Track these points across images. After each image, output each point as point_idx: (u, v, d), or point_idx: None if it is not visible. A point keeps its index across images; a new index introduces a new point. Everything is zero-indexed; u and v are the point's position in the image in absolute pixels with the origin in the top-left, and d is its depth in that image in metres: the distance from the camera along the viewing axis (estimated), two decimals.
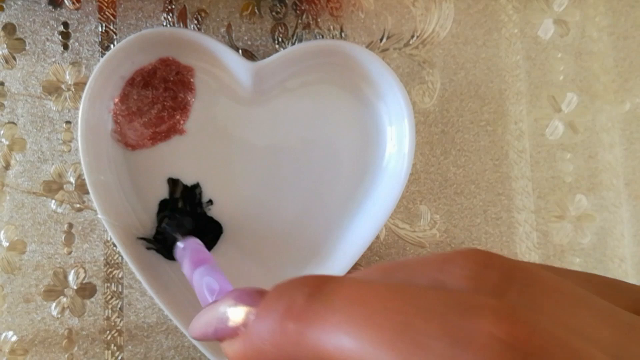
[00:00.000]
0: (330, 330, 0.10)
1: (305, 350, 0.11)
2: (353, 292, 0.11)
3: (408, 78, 0.34)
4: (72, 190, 0.33)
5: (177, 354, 0.33)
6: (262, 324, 0.12)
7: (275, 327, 0.11)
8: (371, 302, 0.10)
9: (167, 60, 0.31)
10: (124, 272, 0.33)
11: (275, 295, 0.12)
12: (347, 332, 0.10)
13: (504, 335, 0.09)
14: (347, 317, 0.10)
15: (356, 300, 0.11)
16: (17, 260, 0.32)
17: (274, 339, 0.11)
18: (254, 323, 0.12)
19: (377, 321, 0.10)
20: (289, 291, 0.12)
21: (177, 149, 0.32)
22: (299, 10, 0.34)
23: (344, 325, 0.10)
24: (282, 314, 0.11)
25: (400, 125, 0.31)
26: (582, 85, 0.36)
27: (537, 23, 0.36)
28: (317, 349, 0.11)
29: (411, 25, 0.35)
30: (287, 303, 0.11)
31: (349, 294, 0.11)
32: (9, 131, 0.33)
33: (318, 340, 0.11)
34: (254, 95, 0.32)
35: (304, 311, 0.11)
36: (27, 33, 0.33)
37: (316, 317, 0.11)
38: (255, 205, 0.32)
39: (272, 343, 0.12)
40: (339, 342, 0.10)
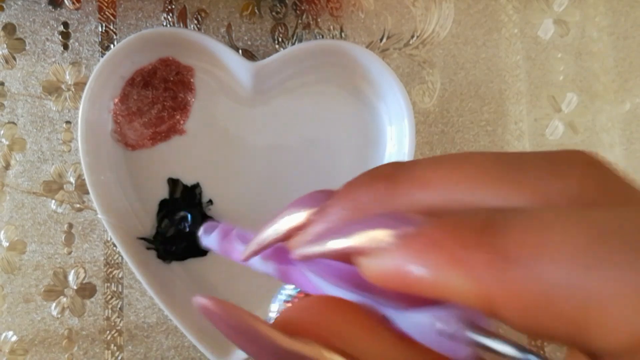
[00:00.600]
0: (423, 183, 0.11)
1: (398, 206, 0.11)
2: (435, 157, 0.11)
3: (408, 78, 0.34)
4: (72, 190, 0.33)
5: (177, 354, 0.33)
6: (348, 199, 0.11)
7: (364, 193, 0.11)
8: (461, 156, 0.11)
9: (167, 60, 0.31)
10: (124, 272, 0.33)
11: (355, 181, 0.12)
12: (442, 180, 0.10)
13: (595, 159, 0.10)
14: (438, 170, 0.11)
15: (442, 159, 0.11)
16: (17, 260, 0.32)
17: (362, 205, 0.11)
18: (336, 204, 0.12)
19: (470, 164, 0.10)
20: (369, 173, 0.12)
21: (177, 149, 0.32)
22: (299, 10, 0.34)
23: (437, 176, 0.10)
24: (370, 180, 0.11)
25: (400, 125, 0.31)
26: (582, 85, 0.36)
27: (537, 23, 0.36)
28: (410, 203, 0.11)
29: (411, 25, 0.35)
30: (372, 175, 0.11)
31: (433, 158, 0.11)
32: (9, 131, 0.33)
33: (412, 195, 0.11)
34: (254, 95, 0.32)
35: (392, 175, 0.11)
36: (27, 33, 0.33)
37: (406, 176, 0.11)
38: (255, 205, 0.32)
39: (360, 208, 0.11)
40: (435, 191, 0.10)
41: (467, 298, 0.09)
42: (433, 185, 0.10)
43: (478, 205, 0.10)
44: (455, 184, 0.10)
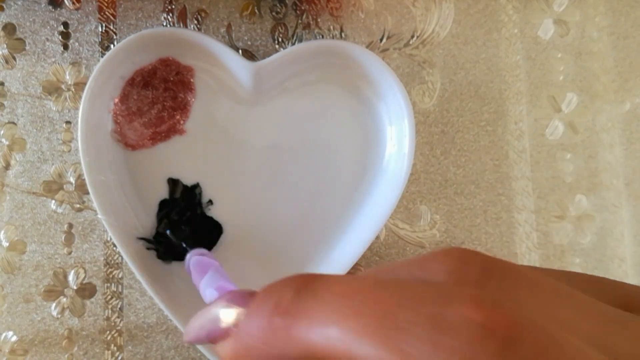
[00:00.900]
0: (317, 323, 0.11)
1: (294, 344, 0.11)
2: (339, 286, 0.11)
3: (408, 78, 0.34)
4: (72, 190, 0.33)
5: (177, 354, 0.33)
6: (252, 322, 0.12)
7: (264, 323, 0.12)
8: (356, 295, 0.11)
9: (167, 60, 0.31)
10: (124, 272, 0.33)
11: (265, 294, 0.13)
12: (333, 323, 0.11)
13: (484, 320, 0.09)
14: (333, 309, 0.11)
15: (341, 293, 0.11)
16: (17, 260, 0.32)
17: (263, 336, 0.12)
18: (244, 322, 0.13)
19: (361, 311, 0.10)
20: (277, 289, 0.12)
21: (177, 149, 0.32)
22: (299, 10, 0.34)
23: (330, 317, 0.11)
24: (271, 310, 0.12)
25: (400, 125, 0.31)
26: (582, 85, 0.36)
27: (537, 23, 0.36)
28: (304, 342, 0.11)
29: (411, 25, 0.35)
30: (276, 300, 0.12)
31: (335, 288, 0.11)
32: (9, 131, 0.33)
33: (305, 333, 0.11)
34: (254, 95, 0.32)
35: (291, 306, 0.12)
36: (27, 33, 0.33)
37: (303, 310, 0.11)
38: (255, 205, 0.32)
39: (262, 340, 0.12)
40: (326, 333, 0.11)
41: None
42: (322, 330, 0.11)
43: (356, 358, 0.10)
44: (340, 333, 0.11)
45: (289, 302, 0.12)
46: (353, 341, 0.10)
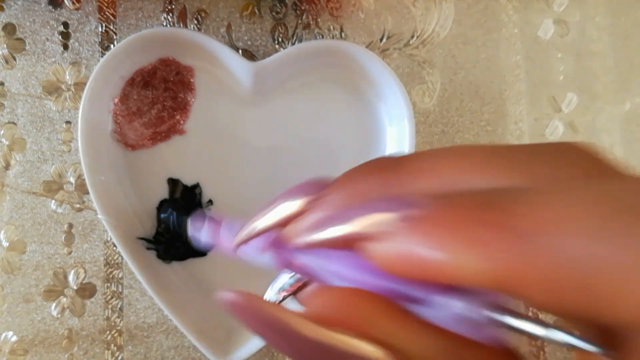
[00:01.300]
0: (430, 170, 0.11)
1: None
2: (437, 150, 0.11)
3: (408, 78, 0.34)
4: (72, 190, 0.33)
5: (177, 354, 0.33)
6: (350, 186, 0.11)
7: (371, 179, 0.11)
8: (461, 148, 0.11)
9: (167, 60, 0.31)
10: (124, 272, 0.33)
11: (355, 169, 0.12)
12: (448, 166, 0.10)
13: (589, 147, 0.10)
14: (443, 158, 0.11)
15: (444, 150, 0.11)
16: (17, 260, 0.32)
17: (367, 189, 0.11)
18: (336, 190, 0.11)
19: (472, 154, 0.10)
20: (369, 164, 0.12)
21: (177, 149, 0.32)
22: (299, 10, 0.34)
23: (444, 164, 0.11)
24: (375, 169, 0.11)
25: (400, 125, 0.31)
26: (582, 85, 0.36)
27: (537, 23, 0.36)
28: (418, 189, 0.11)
29: (411, 25, 0.35)
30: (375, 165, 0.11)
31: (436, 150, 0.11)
32: (9, 131, 0.33)
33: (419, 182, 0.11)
34: (254, 95, 0.32)
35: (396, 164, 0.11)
36: (27, 33, 0.33)
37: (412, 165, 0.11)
38: (255, 205, 0.32)
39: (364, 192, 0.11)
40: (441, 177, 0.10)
41: (482, 278, 0.09)
42: (432, 175, 0.10)
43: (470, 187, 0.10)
44: (454, 173, 0.10)
45: (392, 162, 0.11)
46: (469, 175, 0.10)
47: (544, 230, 0.08)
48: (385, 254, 0.10)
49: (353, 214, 0.10)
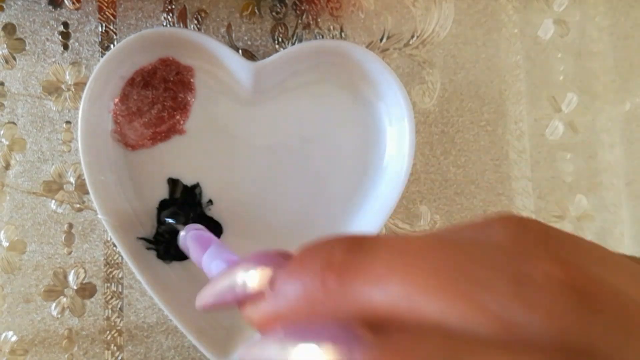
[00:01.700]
0: (376, 281, 0.10)
1: (347, 304, 0.10)
2: (395, 244, 0.11)
3: (408, 78, 0.34)
4: (72, 190, 0.33)
5: (177, 354, 0.33)
6: (296, 282, 0.11)
7: (314, 283, 0.11)
8: (419, 252, 0.10)
9: (167, 60, 0.31)
10: (124, 272, 0.33)
11: (309, 253, 0.12)
12: (395, 280, 0.10)
13: (562, 275, 0.09)
14: (393, 265, 0.10)
15: (400, 250, 0.10)
16: (17, 260, 0.32)
17: (312, 296, 0.11)
18: (285, 282, 0.12)
19: (430, 267, 0.10)
20: (324, 248, 0.11)
21: (177, 149, 0.32)
22: (299, 10, 0.34)
23: (391, 274, 0.10)
24: (321, 268, 0.11)
25: (400, 125, 0.31)
26: (582, 85, 0.36)
27: (537, 23, 0.36)
28: (360, 301, 0.10)
29: (411, 25, 0.35)
30: (325, 258, 0.11)
31: (392, 246, 0.11)
32: (9, 131, 0.33)
33: (362, 293, 0.10)
34: (254, 95, 0.32)
35: (345, 264, 0.11)
36: (27, 33, 0.33)
37: (359, 268, 0.10)
38: (255, 205, 0.32)
39: (310, 300, 0.11)
40: (386, 290, 0.10)
41: None
42: (385, 287, 0.10)
43: (432, 317, 0.10)
44: (400, 291, 0.10)
45: (341, 260, 0.11)
46: (420, 298, 0.10)
47: None
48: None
49: (300, 336, 0.11)
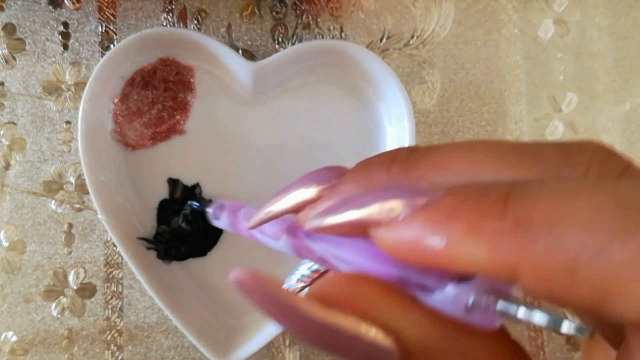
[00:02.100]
0: (439, 165, 0.11)
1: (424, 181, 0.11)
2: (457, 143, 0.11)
3: (408, 78, 0.34)
4: (72, 190, 0.33)
5: (177, 354, 0.33)
6: (362, 176, 0.11)
7: (379, 172, 0.11)
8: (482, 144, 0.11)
9: (167, 60, 0.31)
10: (124, 272, 0.33)
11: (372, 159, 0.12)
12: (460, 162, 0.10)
13: (607, 148, 0.10)
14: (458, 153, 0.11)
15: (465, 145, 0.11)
16: (17, 260, 0.32)
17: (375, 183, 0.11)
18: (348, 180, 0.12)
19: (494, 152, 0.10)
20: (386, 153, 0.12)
21: (177, 149, 0.32)
22: (299, 10, 0.34)
23: (455, 160, 0.10)
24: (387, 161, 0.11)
25: (400, 125, 0.31)
26: (582, 85, 0.36)
27: (537, 23, 0.36)
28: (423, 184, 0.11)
29: (411, 25, 0.35)
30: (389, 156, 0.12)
31: (454, 144, 0.11)
32: (9, 131, 0.33)
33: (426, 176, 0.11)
34: (254, 95, 0.32)
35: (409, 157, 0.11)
36: (27, 33, 0.33)
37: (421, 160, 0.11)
38: (255, 205, 0.32)
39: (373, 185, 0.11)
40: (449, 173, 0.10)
41: (488, 269, 0.09)
42: (447, 168, 0.10)
43: None
44: (470, 168, 0.10)
45: (405, 154, 0.11)
46: (477, 172, 0.10)
47: (560, 226, 0.08)
48: (393, 240, 0.10)
49: (363, 200, 0.11)
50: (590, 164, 0.10)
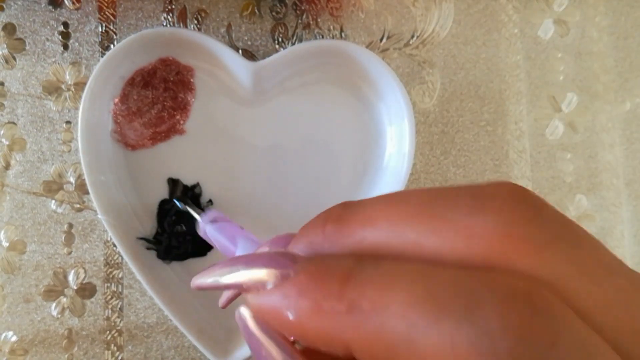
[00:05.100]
0: (367, 222, 0.12)
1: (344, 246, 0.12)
2: (386, 195, 0.12)
3: (408, 78, 0.34)
4: (72, 190, 0.33)
5: (177, 354, 0.33)
6: (304, 238, 0.13)
7: (316, 233, 0.12)
8: (404, 196, 0.12)
9: (167, 60, 0.31)
10: (124, 272, 0.33)
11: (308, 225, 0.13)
12: (383, 217, 0.11)
13: (520, 190, 0.11)
14: (382, 208, 0.11)
15: (389, 198, 0.12)
16: (17, 260, 0.32)
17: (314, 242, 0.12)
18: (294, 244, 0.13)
19: (404, 202, 0.11)
20: (323, 214, 0.13)
21: (177, 149, 0.32)
22: (299, 10, 0.34)
23: (380, 215, 0.11)
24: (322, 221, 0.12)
25: (400, 125, 0.31)
26: (582, 85, 0.36)
27: (537, 23, 0.36)
28: (356, 241, 0.11)
29: (411, 25, 0.35)
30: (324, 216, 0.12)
31: (382, 197, 0.12)
32: (9, 131, 0.33)
33: (357, 233, 0.12)
34: (254, 95, 0.32)
35: (341, 215, 0.12)
36: (27, 33, 0.33)
37: (352, 217, 0.12)
38: (255, 205, 0.32)
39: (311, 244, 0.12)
40: (376, 229, 0.11)
41: (329, 342, 0.10)
42: (373, 225, 0.11)
43: (414, 243, 0.11)
44: (391, 225, 0.11)
45: (338, 213, 0.12)
46: (399, 227, 0.11)
47: (379, 309, 0.10)
48: (258, 307, 0.12)
49: (237, 264, 0.12)
50: (500, 210, 0.10)
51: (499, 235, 0.10)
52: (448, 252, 0.10)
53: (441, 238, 0.10)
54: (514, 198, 0.11)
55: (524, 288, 0.09)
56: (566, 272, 0.10)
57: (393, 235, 0.11)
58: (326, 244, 0.12)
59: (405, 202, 0.11)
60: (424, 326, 0.09)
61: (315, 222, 0.13)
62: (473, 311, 0.09)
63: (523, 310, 0.09)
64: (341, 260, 0.11)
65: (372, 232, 0.11)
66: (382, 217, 0.11)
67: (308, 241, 0.12)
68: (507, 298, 0.09)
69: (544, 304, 0.09)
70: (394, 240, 0.11)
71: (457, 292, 0.09)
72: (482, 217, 0.10)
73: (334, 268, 0.11)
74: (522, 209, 0.10)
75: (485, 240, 0.10)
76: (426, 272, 0.10)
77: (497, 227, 0.10)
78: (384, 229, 0.11)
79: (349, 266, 0.11)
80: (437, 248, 0.10)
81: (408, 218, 0.11)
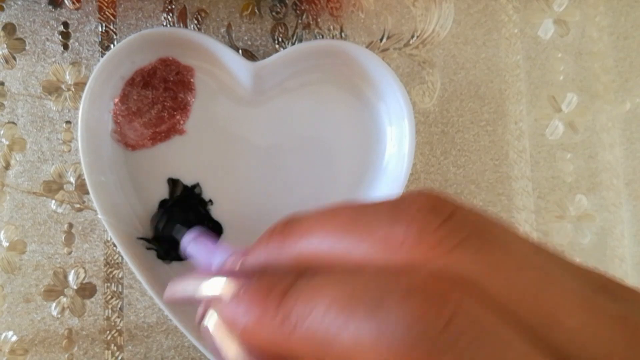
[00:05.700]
0: (303, 235, 0.13)
1: (287, 259, 0.14)
2: (320, 210, 0.14)
3: (408, 78, 0.34)
4: (72, 190, 0.33)
5: (177, 354, 0.33)
6: (255, 253, 0.14)
7: (263, 249, 0.14)
8: (333, 212, 0.13)
9: (167, 60, 0.31)
10: (124, 272, 0.33)
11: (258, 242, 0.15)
12: (316, 231, 0.13)
13: (433, 199, 0.12)
14: (314, 223, 0.13)
15: (321, 213, 0.14)
16: (17, 260, 0.32)
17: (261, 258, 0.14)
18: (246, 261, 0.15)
19: (334, 218, 0.13)
20: (267, 231, 0.15)
21: (177, 149, 0.32)
22: (299, 10, 0.34)
23: (312, 228, 0.13)
24: (268, 236, 0.14)
25: (400, 125, 0.31)
26: (582, 85, 0.36)
27: (537, 23, 0.36)
28: (296, 253, 0.13)
29: (411, 25, 0.35)
30: (269, 232, 0.14)
31: (316, 212, 0.14)
32: (9, 131, 0.33)
33: (296, 246, 0.13)
34: (254, 95, 0.32)
35: (283, 230, 0.14)
36: (27, 33, 0.33)
37: (292, 231, 0.14)
38: (255, 205, 0.32)
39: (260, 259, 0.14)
40: (311, 241, 0.13)
41: (277, 349, 0.12)
42: (309, 239, 0.13)
43: (344, 253, 0.12)
44: (327, 237, 0.13)
45: (280, 228, 0.14)
46: (330, 239, 0.13)
47: (304, 317, 0.11)
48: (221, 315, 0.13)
49: (202, 281, 0.14)
50: (413, 220, 0.12)
51: (412, 242, 0.11)
52: (371, 259, 0.12)
53: (365, 247, 0.12)
54: (427, 207, 0.12)
55: (421, 283, 0.11)
56: (476, 269, 0.11)
57: (326, 247, 0.13)
58: (272, 257, 0.14)
59: (336, 217, 0.13)
60: (339, 325, 0.11)
61: (263, 237, 0.14)
62: (378, 307, 0.10)
63: (418, 301, 0.10)
64: (282, 277, 0.13)
65: (308, 245, 0.13)
66: (316, 231, 0.13)
67: (257, 256, 0.14)
68: (406, 293, 0.10)
69: (438, 294, 0.10)
70: (327, 251, 0.13)
71: (368, 292, 0.11)
72: (397, 227, 0.12)
73: (275, 284, 0.12)
74: (432, 217, 0.12)
75: (401, 248, 0.12)
76: (347, 279, 0.12)
77: (409, 236, 0.12)
78: (318, 241, 0.13)
79: (289, 282, 0.12)
80: (363, 256, 0.12)
81: (338, 231, 0.13)
